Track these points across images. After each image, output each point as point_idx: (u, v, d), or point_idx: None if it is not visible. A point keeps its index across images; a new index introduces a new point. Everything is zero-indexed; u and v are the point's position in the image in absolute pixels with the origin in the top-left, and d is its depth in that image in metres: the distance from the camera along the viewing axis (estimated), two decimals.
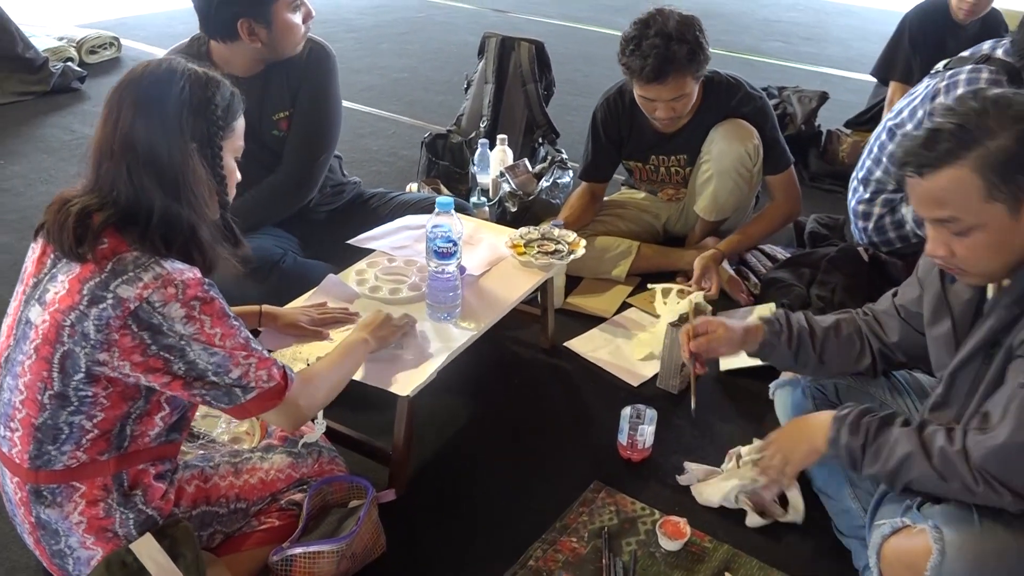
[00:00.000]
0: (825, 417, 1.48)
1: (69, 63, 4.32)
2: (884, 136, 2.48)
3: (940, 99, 2.25)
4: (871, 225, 2.53)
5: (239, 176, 1.44)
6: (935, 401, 1.48)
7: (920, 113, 2.34)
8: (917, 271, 1.60)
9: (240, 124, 1.39)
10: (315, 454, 1.62)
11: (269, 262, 2.09)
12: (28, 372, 1.27)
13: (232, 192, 1.42)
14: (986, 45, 2.37)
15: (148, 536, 1.35)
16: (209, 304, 1.26)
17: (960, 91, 2.19)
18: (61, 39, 4.50)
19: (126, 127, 1.25)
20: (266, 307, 1.78)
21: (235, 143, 1.39)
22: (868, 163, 2.52)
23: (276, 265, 2.09)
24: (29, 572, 1.59)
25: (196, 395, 1.30)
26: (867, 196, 2.52)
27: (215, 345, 1.27)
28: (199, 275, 1.28)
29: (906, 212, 2.44)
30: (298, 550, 1.45)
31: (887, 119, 2.51)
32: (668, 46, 2.22)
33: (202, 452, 1.61)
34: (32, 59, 4.13)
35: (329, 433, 1.76)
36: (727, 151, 2.45)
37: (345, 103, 4.25)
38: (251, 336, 1.34)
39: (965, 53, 2.38)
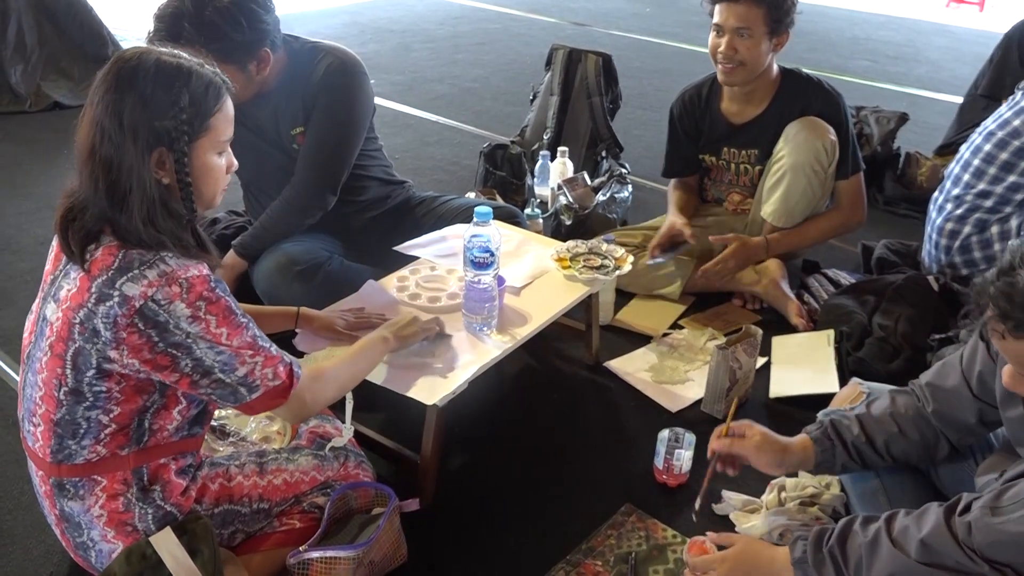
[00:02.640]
0: (783, 559, 1.37)
1: None
2: (980, 141, 2.37)
3: None
4: (956, 244, 2.41)
5: (235, 165, 1.39)
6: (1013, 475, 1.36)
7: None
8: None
9: (222, 116, 1.32)
10: (341, 458, 1.62)
11: (316, 264, 2.11)
12: (45, 368, 1.30)
13: (215, 191, 1.36)
14: None
15: (167, 530, 1.36)
16: (215, 303, 1.26)
17: None
18: (146, 40, 4.68)
19: (93, 130, 1.24)
20: (303, 309, 1.79)
21: (215, 138, 1.32)
22: (966, 177, 2.39)
23: (322, 267, 2.11)
24: (60, 556, 1.63)
25: (203, 393, 1.31)
26: (959, 213, 2.40)
27: (221, 344, 1.27)
28: (205, 271, 1.27)
29: (995, 231, 2.35)
30: (315, 554, 1.44)
31: (984, 126, 2.39)
32: None
33: (232, 450, 1.63)
34: None
35: (360, 438, 1.76)
36: (803, 145, 2.37)
37: (413, 111, 4.37)
38: (259, 333, 1.34)
39: None
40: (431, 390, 1.63)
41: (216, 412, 1.67)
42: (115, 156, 1.23)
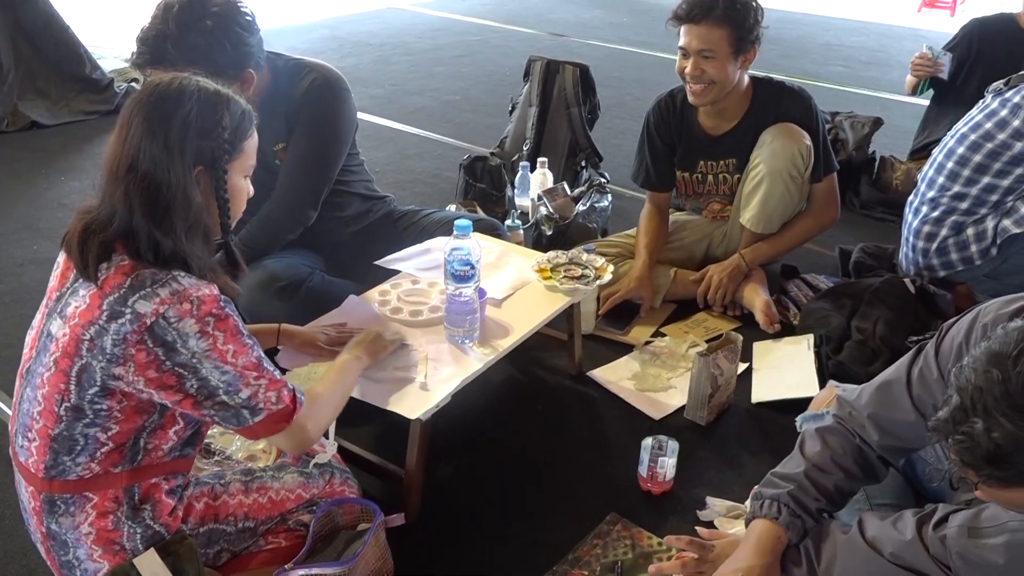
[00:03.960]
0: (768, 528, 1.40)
1: (133, 83, 4.48)
2: (952, 144, 2.40)
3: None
4: (934, 246, 2.45)
5: (252, 192, 1.45)
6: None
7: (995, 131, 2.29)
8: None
9: (252, 142, 1.39)
10: (327, 475, 1.62)
11: (297, 280, 2.11)
12: (46, 384, 1.30)
13: (239, 212, 1.43)
14: None
15: (151, 551, 1.36)
16: (223, 321, 1.27)
17: None
18: (127, 60, 4.68)
19: (132, 148, 1.27)
20: (284, 326, 1.80)
21: (245, 162, 1.39)
22: (940, 180, 2.42)
23: (304, 283, 2.12)
24: None
25: (206, 415, 1.32)
26: (935, 216, 2.44)
27: (227, 363, 1.28)
28: (216, 291, 1.29)
29: (971, 232, 2.38)
30: (301, 572, 1.44)
31: (956, 129, 2.43)
32: None
33: (217, 469, 1.62)
34: (99, 80, 4.31)
35: (344, 454, 1.76)
36: (779, 151, 2.41)
37: (394, 124, 4.38)
38: (264, 356, 1.35)
39: None
40: (415, 404, 1.63)
41: None
42: (158, 172, 1.27)
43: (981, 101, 2.42)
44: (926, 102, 3.57)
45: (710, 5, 2.30)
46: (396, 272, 2.11)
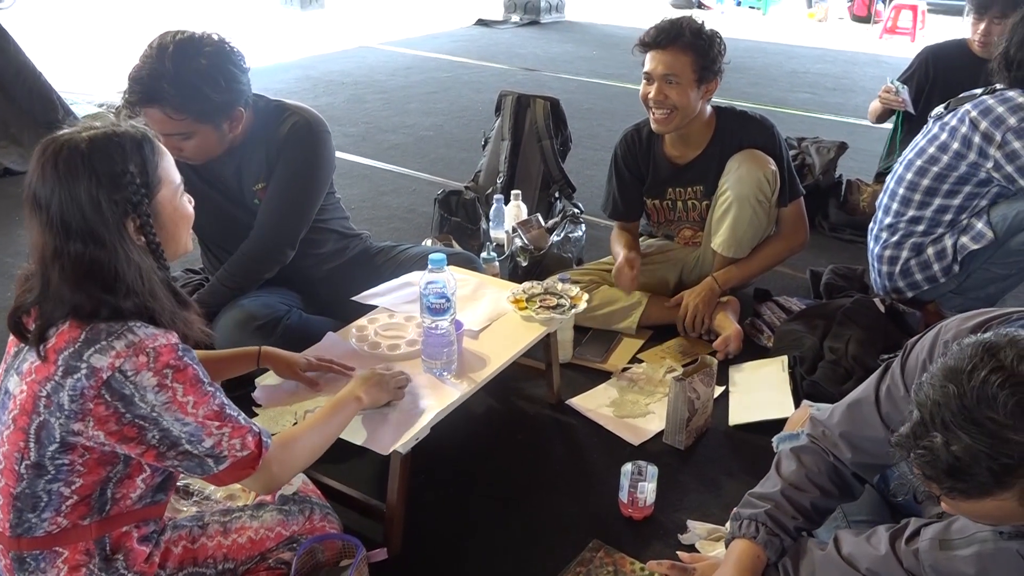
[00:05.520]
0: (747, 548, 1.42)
1: None
2: (902, 171, 2.47)
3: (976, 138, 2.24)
4: (897, 269, 2.51)
5: (190, 212, 1.40)
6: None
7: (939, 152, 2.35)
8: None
9: (164, 160, 1.32)
10: (307, 511, 1.61)
11: (275, 318, 2.12)
12: (6, 442, 1.28)
13: (183, 237, 1.38)
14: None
15: None
16: (182, 372, 1.25)
17: (999, 113, 2.21)
18: (101, 105, 4.69)
19: (55, 230, 1.22)
20: (265, 348, 1.79)
21: (169, 188, 1.33)
22: (895, 206, 2.48)
23: (281, 321, 2.12)
24: None
25: (170, 465, 1.30)
26: (895, 240, 2.50)
27: (187, 413, 1.26)
28: (174, 340, 1.26)
29: (932, 252, 2.43)
30: None
31: (905, 156, 2.50)
32: (678, 22, 2.41)
33: (196, 510, 1.61)
34: (71, 125, 4.30)
35: (324, 489, 1.76)
36: (746, 176, 2.46)
37: (369, 161, 4.41)
38: (227, 403, 1.33)
39: (975, 91, 2.37)
40: (392, 438, 1.63)
41: None
42: (91, 246, 1.22)
43: (925, 126, 2.49)
44: (890, 126, 3.65)
45: (676, 32, 2.38)
46: (373, 307, 2.12)
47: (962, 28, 3.30)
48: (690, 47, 2.38)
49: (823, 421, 1.50)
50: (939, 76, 3.29)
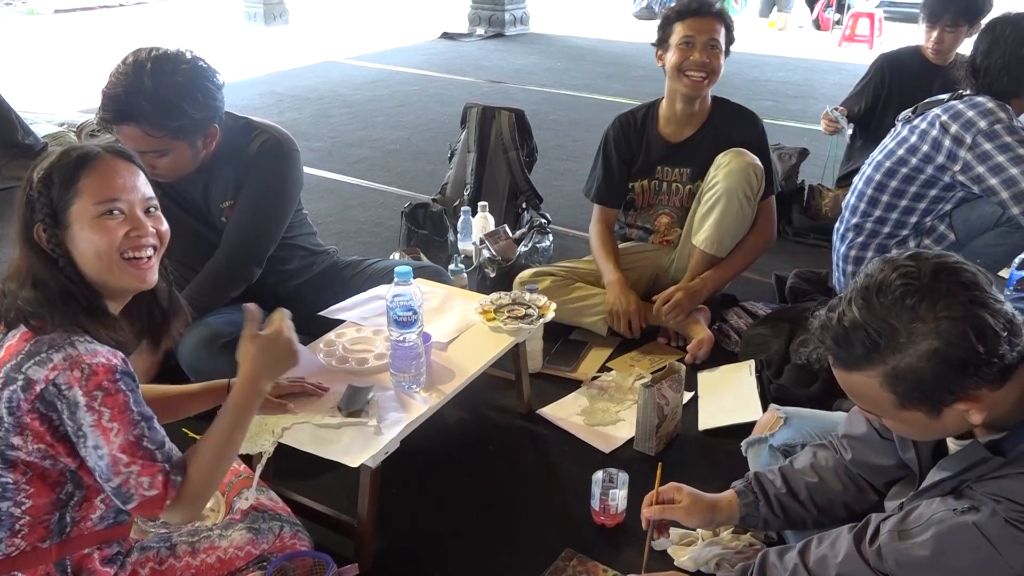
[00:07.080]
0: None
1: None
2: (870, 172, 2.51)
3: (952, 129, 2.28)
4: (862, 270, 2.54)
5: (112, 235, 1.31)
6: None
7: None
8: None
9: (96, 182, 1.30)
10: (276, 529, 1.60)
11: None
12: None
13: (104, 263, 1.31)
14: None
15: None
16: (112, 396, 1.23)
17: (969, 117, 2.27)
18: (62, 124, 4.62)
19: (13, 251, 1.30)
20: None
21: (89, 203, 1.29)
22: (862, 207, 2.52)
23: None
24: None
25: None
26: (860, 240, 2.54)
27: (108, 442, 1.22)
28: (114, 361, 1.24)
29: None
30: None
31: (873, 157, 2.54)
32: None
33: (164, 531, 1.59)
34: (32, 145, 4.23)
35: (294, 506, 1.74)
36: (735, 171, 2.51)
37: (335, 176, 4.39)
38: (148, 435, 1.26)
39: (943, 96, 2.41)
40: (360, 452, 1.62)
41: None
42: (21, 247, 1.29)
43: (893, 129, 2.54)
44: (849, 130, 3.72)
45: (710, 4, 2.60)
46: (341, 322, 2.11)
47: (917, 35, 3.38)
48: (722, 18, 2.59)
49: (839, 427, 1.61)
50: (895, 82, 3.37)
